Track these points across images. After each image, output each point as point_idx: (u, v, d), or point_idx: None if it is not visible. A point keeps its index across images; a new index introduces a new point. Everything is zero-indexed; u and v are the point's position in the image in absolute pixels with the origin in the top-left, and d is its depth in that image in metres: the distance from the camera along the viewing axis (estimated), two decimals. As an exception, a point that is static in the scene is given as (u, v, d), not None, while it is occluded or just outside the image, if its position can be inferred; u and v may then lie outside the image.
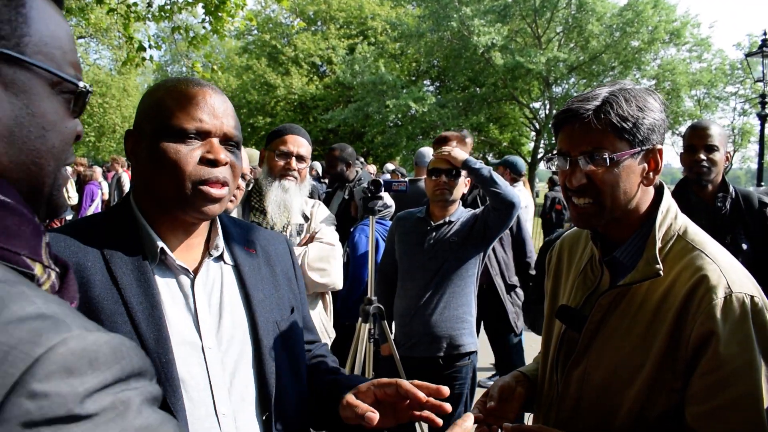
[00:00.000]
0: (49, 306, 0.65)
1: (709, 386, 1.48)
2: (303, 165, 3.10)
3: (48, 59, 0.84)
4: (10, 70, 0.79)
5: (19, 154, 0.81)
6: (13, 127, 0.80)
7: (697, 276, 1.53)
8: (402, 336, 3.75)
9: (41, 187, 0.87)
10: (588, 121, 1.59)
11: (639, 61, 31.37)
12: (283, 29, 39.00)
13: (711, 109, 33.51)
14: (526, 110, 36.29)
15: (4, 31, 0.78)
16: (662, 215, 1.66)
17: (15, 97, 0.80)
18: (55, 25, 0.87)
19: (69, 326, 0.63)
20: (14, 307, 0.62)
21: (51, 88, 0.85)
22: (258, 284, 1.61)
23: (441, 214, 3.74)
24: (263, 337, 1.54)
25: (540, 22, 32.07)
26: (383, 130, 33.54)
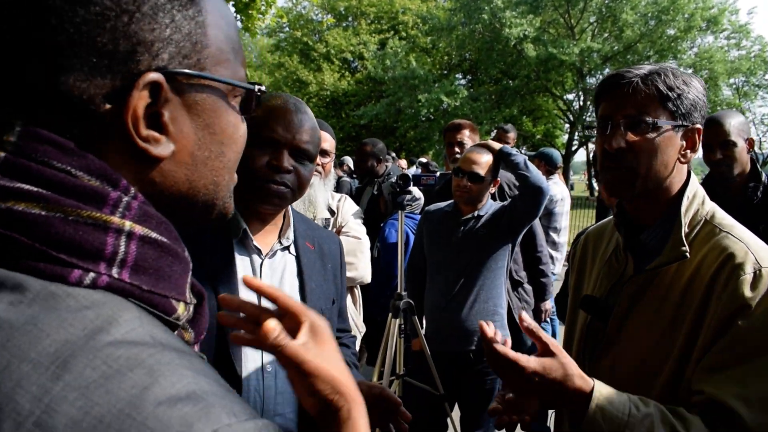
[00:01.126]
0: (199, 382, 0.61)
1: (726, 360, 1.43)
2: (327, 159, 3.09)
3: (225, 67, 0.79)
4: (192, 90, 0.75)
5: (200, 178, 0.79)
6: (195, 150, 0.77)
7: (724, 255, 1.50)
8: (432, 331, 3.72)
9: (215, 202, 0.84)
10: (634, 86, 1.59)
11: (675, 50, 30.84)
12: (315, 26, 39.12)
13: (750, 98, 32.83)
14: (560, 102, 35.95)
15: (185, 49, 0.73)
16: (688, 200, 1.64)
17: (197, 118, 0.76)
18: (227, 24, 0.81)
19: (219, 414, 0.58)
20: (164, 382, 0.58)
21: (227, 98, 0.81)
22: (312, 275, 1.86)
23: (469, 208, 3.69)
24: None
25: (573, 12, 31.71)
26: (416, 125, 33.48)
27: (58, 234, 0.63)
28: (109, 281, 0.66)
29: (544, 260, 4.59)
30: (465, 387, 3.71)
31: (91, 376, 0.56)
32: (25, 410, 0.53)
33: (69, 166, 0.66)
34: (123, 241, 0.67)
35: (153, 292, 0.70)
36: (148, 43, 0.69)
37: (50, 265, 0.63)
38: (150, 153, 0.71)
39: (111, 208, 0.67)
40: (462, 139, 4.63)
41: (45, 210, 0.63)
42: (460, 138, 4.64)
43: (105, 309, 0.63)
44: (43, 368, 0.55)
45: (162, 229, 0.73)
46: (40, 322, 0.58)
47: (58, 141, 0.66)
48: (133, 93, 0.68)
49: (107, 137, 0.69)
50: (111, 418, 0.54)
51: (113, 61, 0.67)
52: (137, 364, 0.58)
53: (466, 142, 4.61)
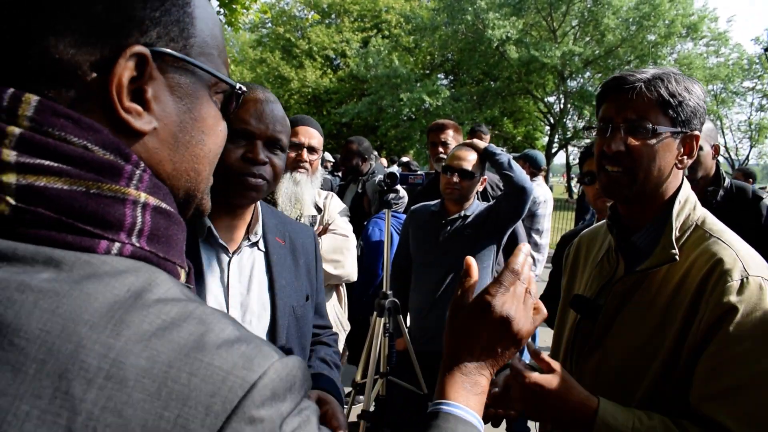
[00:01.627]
0: (240, 329, 0.67)
1: (716, 367, 1.44)
2: (314, 156, 3.06)
3: (209, 60, 0.83)
4: (176, 73, 0.78)
5: (182, 161, 0.81)
6: (177, 132, 0.79)
7: (713, 261, 1.52)
8: (417, 330, 3.71)
9: (196, 192, 0.86)
10: (637, 90, 1.61)
11: (655, 56, 31.11)
12: (297, 22, 38.99)
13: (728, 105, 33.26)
14: (541, 104, 36.14)
15: (173, 32, 0.76)
16: (680, 204, 1.66)
17: (180, 101, 0.79)
18: (213, 24, 0.85)
19: (270, 351, 0.66)
20: (216, 329, 0.64)
21: (209, 90, 0.84)
22: (282, 272, 1.82)
23: (456, 208, 3.69)
24: (279, 317, 1.75)
25: (555, 15, 31.90)
26: (397, 124, 33.48)
27: (81, 207, 0.66)
28: (133, 249, 0.70)
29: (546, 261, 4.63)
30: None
31: (150, 329, 0.61)
32: (93, 367, 0.57)
33: (85, 140, 0.68)
34: (139, 211, 0.71)
35: (166, 259, 0.75)
36: (138, 19, 0.72)
37: (78, 237, 0.65)
38: (131, 125, 0.73)
39: (126, 180, 0.70)
40: (446, 139, 4.65)
41: (67, 184, 0.65)
42: (444, 138, 4.65)
43: (141, 272, 0.67)
44: (101, 327, 0.59)
45: (168, 200, 0.77)
46: (85, 287, 0.61)
47: (73, 116, 0.68)
48: (119, 61, 0.70)
49: (92, 107, 0.71)
50: (180, 362, 0.60)
51: (104, 31, 0.70)
52: (188, 316, 0.64)
53: (449, 142, 4.63)
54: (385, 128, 33.41)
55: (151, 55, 0.73)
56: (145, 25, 0.73)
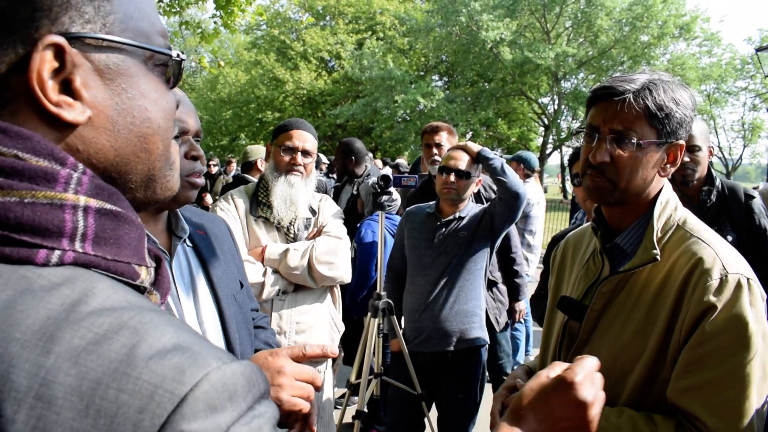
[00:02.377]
0: (181, 335, 0.64)
1: (691, 361, 1.49)
2: (309, 160, 3.10)
3: (137, 34, 0.78)
4: (101, 55, 0.73)
5: (126, 144, 0.77)
6: (114, 116, 0.75)
7: (693, 260, 1.56)
8: (412, 331, 3.74)
9: (153, 171, 0.82)
10: (625, 101, 1.62)
11: (648, 56, 31.23)
12: (292, 24, 38.98)
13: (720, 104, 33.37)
14: (535, 105, 36.22)
15: (87, 14, 0.72)
16: (661, 206, 1.70)
17: (111, 83, 0.75)
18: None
19: (207, 359, 0.62)
20: (150, 339, 0.61)
21: (145, 64, 0.79)
22: (215, 263, 1.79)
23: (451, 210, 3.72)
24: (225, 309, 1.73)
25: (549, 17, 31.98)
26: (392, 126, 33.53)
27: (17, 217, 0.64)
28: (75, 256, 0.67)
29: (519, 261, 4.63)
30: (443, 387, 3.75)
31: (80, 344, 0.58)
32: (23, 387, 0.55)
33: (15, 149, 0.66)
34: (80, 215, 0.68)
35: (117, 261, 0.71)
36: (45, 8, 0.69)
37: (15, 249, 0.64)
38: (63, 118, 0.70)
39: (63, 185, 0.68)
40: (440, 141, 4.68)
41: (0, 196, 0.64)
42: (438, 140, 4.69)
43: (78, 283, 0.64)
44: (32, 345, 0.57)
45: (115, 199, 0.73)
46: (18, 304, 0.59)
47: (0, 126, 0.66)
48: (33, 56, 0.67)
49: (20, 108, 0.69)
50: (108, 378, 0.57)
51: (12, 28, 0.67)
52: (121, 327, 0.60)
53: (443, 144, 4.67)
54: (379, 130, 33.45)
55: (68, 41, 0.69)
56: (54, 12, 0.69)
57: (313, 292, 3.13)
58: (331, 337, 3.25)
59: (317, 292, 3.15)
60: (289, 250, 2.97)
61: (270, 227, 3.05)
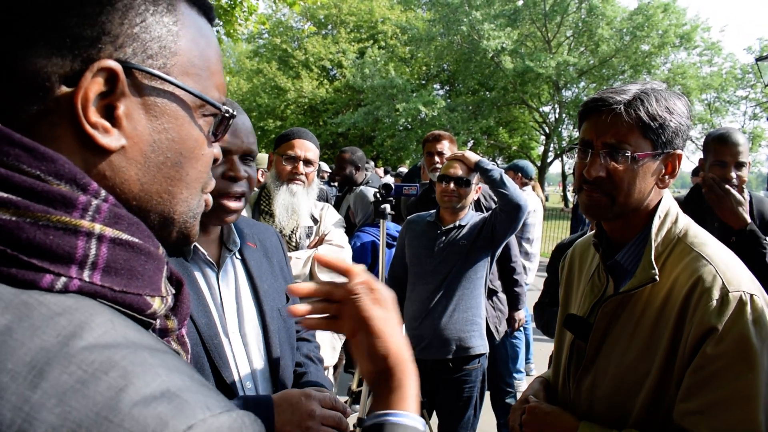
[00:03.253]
0: (173, 378, 0.61)
1: (698, 383, 1.46)
2: (310, 169, 3.13)
3: (194, 81, 0.80)
4: (153, 91, 0.75)
5: (152, 182, 0.77)
6: (148, 152, 0.76)
7: (693, 278, 1.53)
8: (412, 338, 3.75)
9: (173, 215, 0.82)
10: (617, 113, 1.59)
11: (649, 65, 31.28)
12: (294, 33, 39.10)
13: (721, 114, 33.36)
14: (536, 114, 36.26)
15: (151, 49, 0.74)
16: (660, 220, 1.67)
17: (155, 120, 0.76)
18: (206, 44, 0.82)
19: (193, 410, 0.59)
20: (138, 383, 0.58)
21: (192, 112, 0.80)
22: (262, 276, 1.81)
23: (451, 218, 3.75)
24: (269, 322, 1.76)
25: (550, 26, 32.05)
26: (393, 134, 33.55)
27: (28, 239, 0.63)
28: (80, 285, 0.66)
29: (518, 270, 4.63)
30: (443, 394, 3.76)
31: (68, 382, 0.56)
32: (7, 419, 0.53)
33: (38, 170, 0.65)
34: (93, 244, 0.67)
35: (125, 292, 0.70)
36: (113, 34, 0.70)
37: (22, 271, 0.63)
38: (96, 141, 0.70)
39: (81, 212, 0.67)
40: (442, 150, 4.70)
41: (15, 215, 0.63)
42: (440, 148, 4.71)
43: (77, 314, 0.62)
44: (21, 378, 0.55)
45: (134, 230, 0.73)
46: (14, 332, 0.58)
47: (28, 145, 0.66)
48: (86, 75, 0.68)
49: (59, 121, 0.69)
50: (89, 422, 0.54)
51: (76, 44, 0.68)
52: (111, 367, 0.58)
53: (445, 152, 4.67)
54: (381, 138, 33.48)
55: (124, 71, 0.71)
56: (121, 40, 0.71)
57: (314, 300, 3.15)
58: (333, 345, 3.27)
59: (318, 300, 3.18)
60: (291, 259, 3.00)
61: (272, 235, 3.07)
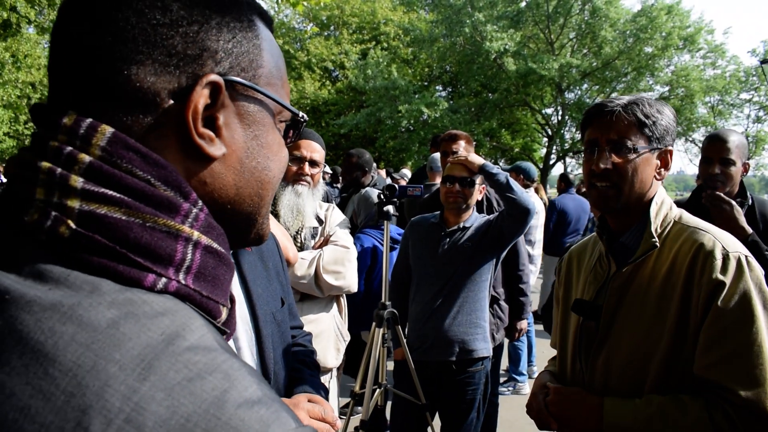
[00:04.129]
0: (263, 389, 0.65)
1: (712, 337, 1.68)
2: (316, 170, 3.13)
3: (274, 90, 0.86)
4: (245, 101, 0.81)
5: (246, 186, 0.84)
6: (244, 158, 0.82)
7: (695, 246, 1.78)
8: (415, 340, 3.75)
9: (257, 216, 0.89)
10: (617, 114, 1.88)
11: (652, 68, 31.21)
12: (296, 34, 39.11)
13: (725, 116, 33.30)
14: (539, 116, 36.22)
15: (243, 63, 0.81)
16: (657, 205, 1.92)
17: (248, 128, 0.82)
18: (278, 56, 0.89)
19: (287, 419, 0.64)
20: (239, 386, 0.62)
21: (274, 118, 0.87)
22: (256, 280, 1.79)
23: (455, 220, 3.74)
24: (263, 327, 1.73)
25: (553, 28, 32.02)
26: (395, 135, 33.51)
27: (136, 238, 0.68)
28: (178, 286, 0.71)
29: (525, 279, 4.60)
30: (446, 396, 3.75)
31: (176, 378, 0.59)
32: (115, 408, 0.56)
33: (149, 175, 0.71)
34: (190, 249, 0.73)
35: (210, 298, 0.75)
36: (212, 50, 0.77)
37: (128, 268, 0.67)
38: (204, 150, 0.76)
39: (182, 217, 0.73)
40: (457, 149, 4.67)
41: (126, 215, 0.68)
42: (456, 148, 4.68)
43: (178, 315, 0.67)
44: (130, 369, 0.58)
45: (221, 240, 0.79)
46: (122, 326, 0.61)
47: (142, 150, 0.71)
48: (196, 89, 0.74)
49: (167, 132, 0.75)
50: (197, 417, 0.58)
51: (181, 61, 0.74)
52: (214, 369, 0.62)
53: (461, 152, 4.63)
54: (383, 140, 33.45)
55: (224, 83, 0.77)
56: (219, 56, 0.77)
57: (319, 302, 3.14)
58: (337, 346, 3.26)
59: (323, 302, 3.17)
60: (296, 260, 2.99)
61: (277, 236, 3.06)
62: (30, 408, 0.56)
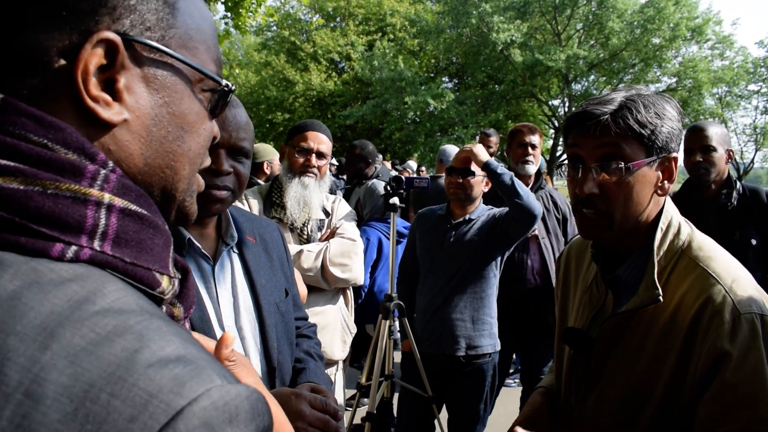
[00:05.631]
0: (187, 347, 0.61)
1: (719, 412, 1.40)
2: (323, 162, 3.11)
3: (192, 54, 0.80)
4: (152, 64, 0.75)
5: (155, 156, 0.77)
6: (151, 126, 0.75)
7: (702, 299, 1.46)
8: (423, 333, 3.75)
9: (174, 192, 0.82)
10: (605, 125, 1.51)
11: (660, 59, 31.06)
12: (303, 25, 39.01)
13: (733, 108, 33.16)
14: (545, 107, 36.12)
15: (149, 21, 0.74)
16: (661, 232, 1.59)
17: (156, 93, 0.76)
18: (201, 18, 0.82)
19: (211, 375, 0.59)
20: (154, 346, 0.58)
21: (192, 85, 0.81)
22: (260, 270, 1.79)
23: (461, 212, 3.73)
24: (266, 317, 1.74)
25: (560, 19, 31.88)
26: (401, 127, 33.47)
27: (37, 207, 0.62)
28: (92, 254, 0.65)
29: None
30: (453, 389, 3.75)
31: (80, 344, 0.55)
32: (13, 381, 0.53)
33: (45, 139, 0.65)
34: (103, 213, 0.67)
35: (136, 265, 0.69)
36: (110, 6, 0.70)
37: (31, 239, 0.62)
38: (98, 114, 0.70)
39: (89, 180, 0.67)
40: (535, 143, 4.61)
41: (23, 184, 0.62)
42: (533, 140, 4.61)
43: (89, 281, 0.62)
44: (30, 340, 0.55)
45: (141, 202, 0.72)
46: (24, 296, 0.58)
47: (35, 114, 0.65)
48: (85, 47, 0.68)
49: (58, 95, 0.69)
50: (102, 382, 0.54)
51: (72, 16, 0.68)
52: (125, 330, 0.58)
53: (538, 146, 4.61)
54: (389, 131, 33.39)
55: (123, 43, 0.70)
56: (118, 12, 0.70)
57: (325, 294, 3.14)
58: (343, 338, 3.26)
59: (330, 294, 3.16)
60: (302, 252, 2.98)
61: (283, 228, 3.05)
62: None
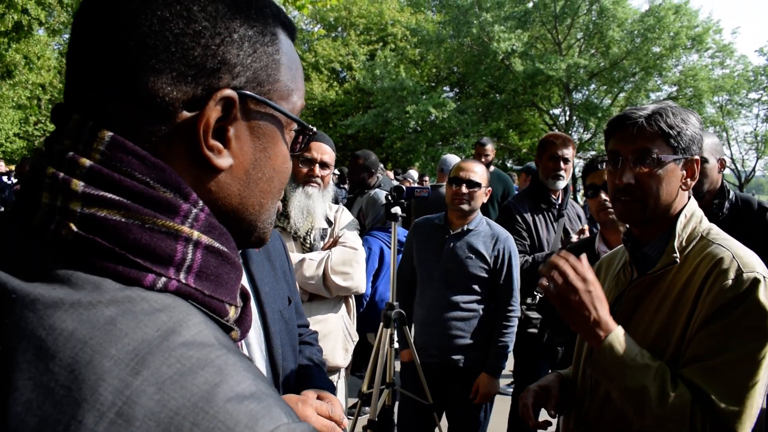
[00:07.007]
0: (258, 384, 0.67)
1: (712, 347, 1.66)
2: (326, 172, 3.15)
3: (288, 103, 0.87)
4: (258, 115, 0.82)
5: (250, 196, 0.85)
6: (250, 169, 0.83)
7: (713, 262, 1.74)
8: (422, 342, 3.77)
9: (257, 223, 0.90)
10: (640, 125, 1.85)
11: (660, 68, 31.09)
12: (304, 35, 39.11)
13: (733, 116, 33.19)
14: (546, 116, 36.14)
15: (260, 77, 0.82)
16: (685, 218, 1.90)
17: (257, 140, 0.83)
18: (296, 67, 0.90)
19: (279, 414, 0.64)
20: (231, 381, 0.64)
21: (284, 129, 0.89)
22: (264, 279, 1.81)
23: (459, 222, 3.75)
24: (271, 324, 1.75)
25: (560, 28, 31.94)
26: (403, 136, 33.47)
27: (135, 240, 0.70)
28: (178, 285, 0.72)
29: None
30: (453, 396, 3.77)
31: (167, 373, 0.61)
32: (108, 401, 0.58)
33: (148, 177, 0.72)
34: (191, 248, 0.74)
35: (213, 297, 0.77)
36: (231, 64, 0.78)
37: (127, 269, 0.69)
38: (212, 162, 0.78)
39: (182, 218, 0.74)
40: (569, 157, 4.41)
41: (125, 217, 0.70)
42: (566, 154, 4.40)
43: (175, 312, 0.69)
44: (123, 364, 0.61)
45: (223, 240, 0.80)
46: (119, 322, 0.64)
47: (140, 153, 0.73)
48: (209, 103, 0.75)
49: (176, 141, 0.76)
50: (186, 410, 0.59)
51: (199, 73, 0.75)
52: (207, 363, 0.64)
53: (571, 159, 4.44)
54: (390, 140, 33.41)
55: (239, 97, 0.78)
56: (237, 70, 0.78)
57: (327, 302, 3.17)
58: (345, 346, 3.28)
59: (332, 302, 3.19)
60: (305, 260, 3.01)
61: (287, 237, 3.09)
62: (32, 402, 0.59)
